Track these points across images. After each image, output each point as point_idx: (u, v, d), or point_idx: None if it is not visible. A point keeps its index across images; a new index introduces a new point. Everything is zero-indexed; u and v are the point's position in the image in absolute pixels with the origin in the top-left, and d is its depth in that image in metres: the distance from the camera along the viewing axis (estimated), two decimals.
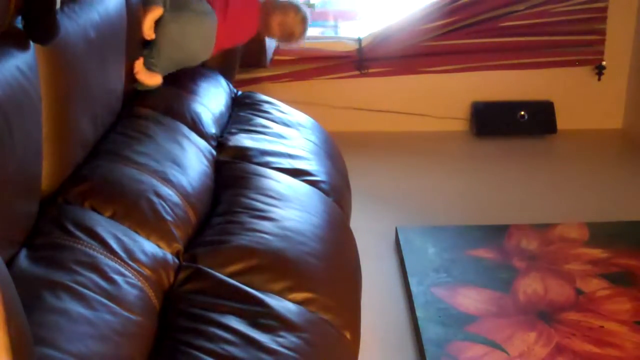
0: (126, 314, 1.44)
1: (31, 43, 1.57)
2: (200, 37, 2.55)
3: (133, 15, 2.27)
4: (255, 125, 2.61)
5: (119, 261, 1.56)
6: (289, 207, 2.03)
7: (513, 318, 2.41)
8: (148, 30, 2.39)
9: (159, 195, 1.84)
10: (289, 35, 2.79)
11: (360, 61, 3.92)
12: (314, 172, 2.35)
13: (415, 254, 2.76)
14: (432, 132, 4.08)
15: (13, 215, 1.47)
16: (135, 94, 2.39)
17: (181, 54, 2.53)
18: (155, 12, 2.39)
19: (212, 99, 2.66)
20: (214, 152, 2.36)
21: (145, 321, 1.49)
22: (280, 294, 1.68)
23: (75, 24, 1.78)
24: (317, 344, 1.58)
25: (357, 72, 3.95)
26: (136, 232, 1.70)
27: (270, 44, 3.56)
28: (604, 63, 4.01)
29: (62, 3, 1.62)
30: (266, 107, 2.79)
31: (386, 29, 3.91)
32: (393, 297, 2.60)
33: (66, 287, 1.40)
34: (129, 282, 1.52)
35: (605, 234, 2.91)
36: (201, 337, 1.47)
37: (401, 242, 2.85)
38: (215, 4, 2.59)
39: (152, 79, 2.42)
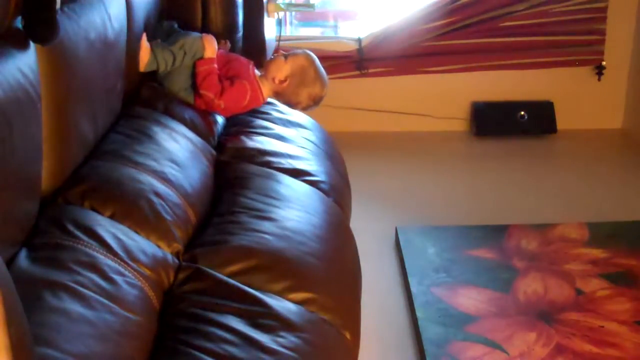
0: (126, 313, 1.44)
1: (31, 43, 1.57)
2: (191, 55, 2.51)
3: (133, 15, 2.27)
4: (255, 126, 2.61)
5: (119, 261, 1.56)
6: (289, 207, 2.03)
7: (513, 318, 2.41)
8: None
9: (158, 195, 1.84)
10: (316, 103, 2.61)
11: (360, 61, 3.92)
12: (313, 172, 2.35)
13: (415, 254, 2.76)
14: (432, 132, 4.08)
15: (13, 215, 1.47)
16: (135, 94, 2.39)
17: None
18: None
19: None
20: (213, 152, 2.36)
21: (145, 321, 1.49)
22: (280, 294, 1.68)
23: (75, 24, 1.78)
24: (317, 344, 1.58)
25: (357, 72, 3.96)
26: (136, 232, 1.70)
27: (270, 43, 3.56)
28: (603, 63, 4.01)
29: (62, 3, 1.62)
30: (266, 107, 2.78)
31: (386, 29, 3.91)
32: (393, 297, 2.60)
33: (66, 287, 1.40)
34: (128, 282, 1.52)
35: (605, 233, 2.91)
36: (201, 337, 1.47)
37: (401, 242, 2.85)
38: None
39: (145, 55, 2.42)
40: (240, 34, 3.02)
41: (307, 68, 2.57)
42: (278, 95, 2.61)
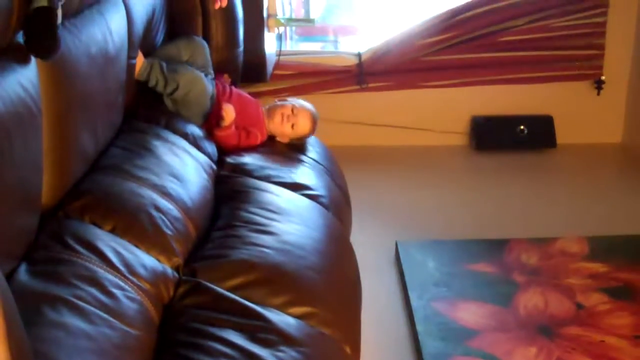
0: (126, 328, 1.44)
1: (32, 58, 1.57)
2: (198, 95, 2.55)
3: (134, 30, 2.28)
4: None
5: (119, 275, 1.56)
6: (289, 221, 2.03)
7: (513, 332, 2.40)
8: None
9: (158, 209, 1.84)
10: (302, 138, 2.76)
11: (360, 76, 3.93)
12: (313, 187, 2.36)
13: (416, 268, 2.76)
14: (431, 147, 4.09)
15: (13, 229, 1.47)
16: (135, 109, 2.39)
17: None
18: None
19: None
20: (214, 166, 2.36)
21: (144, 335, 1.48)
22: (280, 308, 1.67)
23: (76, 39, 1.79)
24: (317, 359, 1.58)
25: (357, 87, 3.97)
26: (136, 246, 1.70)
27: (271, 58, 3.57)
28: (603, 77, 4.02)
29: (63, 18, 1.62)
30: None
31: (386, 44, 3.92)
32: (393, 312, 2.60)
33: (66, 302, 1.40)
34: (128, 297, 1.52)
35: (605, 248, 2.91)
36: (201, 351, 1.47)
37: (401, 256, 2.84)
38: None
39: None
40: (240, 48, 3.04)
41: (314, 126, 2.75)
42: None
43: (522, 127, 4.04)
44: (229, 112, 2.55)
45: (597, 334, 2.39)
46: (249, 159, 2.44)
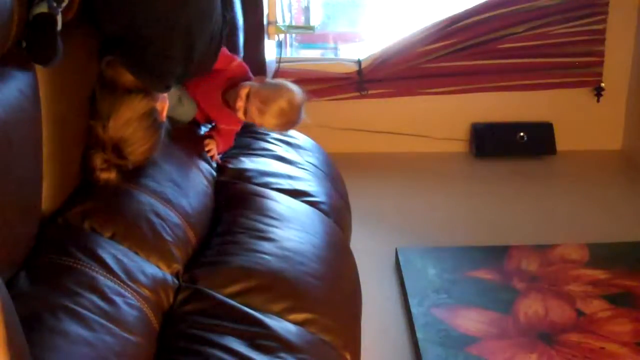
0: (125, 335, 1.44)
1: (33, 64, 1.58)
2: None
3: None
4: (255, 148, 2.62)
5: (119, 282, 1.56)
6: (289, 227, 2.03)
7: (514, 339, 2.40)
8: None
9: (158, 215, 1.84)
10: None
11: (360, 83, 3.93)
12: (313, 193, 2.36)
13: (416, 275, 2.76)
14: (431, 154, 4.08)
15: (13, 236, 1.47)
16: None
17: None
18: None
19: None
20: (214, 172, 2.36)
21: (144, 342, 1.48)
22: (280, 314, 1.67)
23: None
24: None
25: (356, 94, 3.97)
26: (136, 252, 1.70)
27: (270, 65, 3.57)
28: (602, 84, 4.02)
29: (63, 25, 1.63)
30: (266, 129, 2.79)
31: (386, 51, 3.93)
32: (393, 318, 2.59)
33: (65, 308, 1.39)
34: (128, 303, 1.52)
35: (605, 254, 2.91)
36: (200, 358, 1.47)
37: (401, 263, 2.84)
38: None
39: None
40: (241, 55, 3.04)
41: (290, 111, 2.33)
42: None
43: (522, 134, 4.04)
44: (213, 149, 2.43)
45: (597, 340, 2.39)
46: (249, 165, 2.43)
